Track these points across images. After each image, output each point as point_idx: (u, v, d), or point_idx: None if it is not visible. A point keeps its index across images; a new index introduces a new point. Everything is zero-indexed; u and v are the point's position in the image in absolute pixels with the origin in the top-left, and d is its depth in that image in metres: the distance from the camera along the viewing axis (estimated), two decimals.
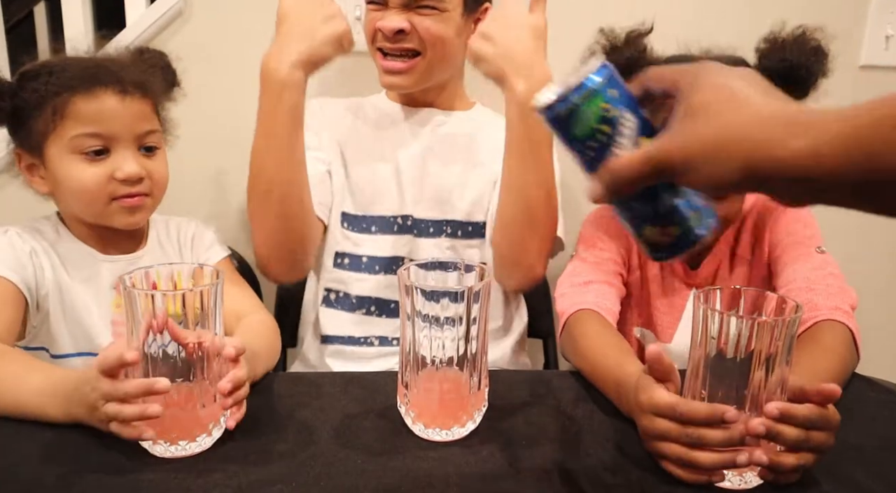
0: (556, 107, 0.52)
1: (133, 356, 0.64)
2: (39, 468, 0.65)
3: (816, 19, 0.96)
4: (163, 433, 0.66)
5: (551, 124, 0.53)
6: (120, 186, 0.90)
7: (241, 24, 1.37)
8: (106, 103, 0.89)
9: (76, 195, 0.92)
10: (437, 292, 0.67)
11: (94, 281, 0.95)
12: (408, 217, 1.18)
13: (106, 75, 0.90)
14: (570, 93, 0.51)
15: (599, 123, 0.52)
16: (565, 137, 0.53)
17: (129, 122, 0.90)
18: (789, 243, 0.96)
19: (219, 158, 1.41)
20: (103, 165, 0.90)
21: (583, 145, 0.53)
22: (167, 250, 1.02)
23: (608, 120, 0.52)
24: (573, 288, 0.99)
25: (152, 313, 0.64)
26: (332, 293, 1.20)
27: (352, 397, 0.80)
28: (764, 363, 0.62)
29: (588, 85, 0.51)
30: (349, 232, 1.19)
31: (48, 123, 0.88)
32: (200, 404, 0.67)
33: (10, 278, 0.87)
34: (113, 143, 0.90)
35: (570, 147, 0.54)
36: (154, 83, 0.96)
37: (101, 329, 0.95)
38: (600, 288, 0.98)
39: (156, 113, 0.96)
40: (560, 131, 0.53)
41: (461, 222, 1.19)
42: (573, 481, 0.65)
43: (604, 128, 0.52)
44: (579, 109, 0.52)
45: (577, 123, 0.52)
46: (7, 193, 1.39)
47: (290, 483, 0.63)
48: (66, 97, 0.88)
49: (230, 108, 1.36)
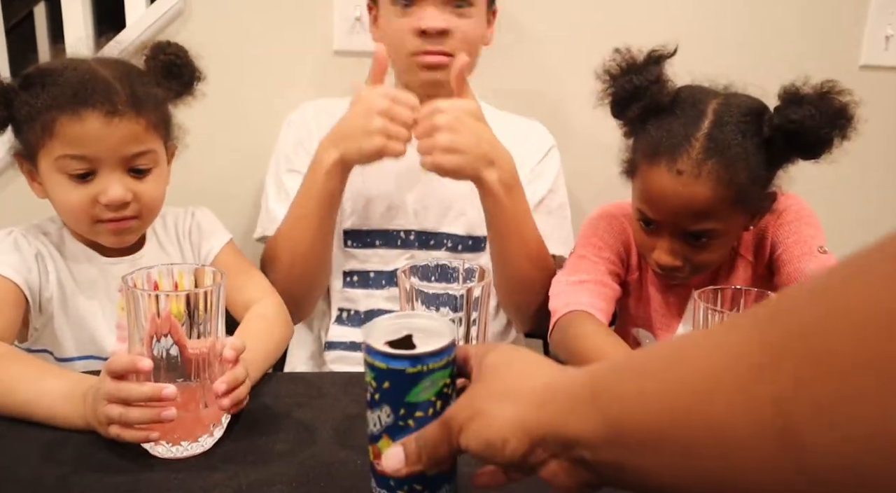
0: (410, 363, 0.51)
1: (147, 365, 0.64)
2: (39, 468, 0.65)
3: (816, 19, 0.95)
4: (165, 433, 0.66)
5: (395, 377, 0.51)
6: (104, 210, 0.87)
7: (241, 24, 1.37)
8: (91, 126, 0.84)
9: (62, 213, 0.91)
10: (437, 296, 0.67)
11: (97, 283, 0.94)
12: (410, 232, 1.18)
13: (95, 94, 0.85)
14: (426, 356, 0.51)
15: (437, 396, 0.52)
16: (400, 395, 0.51)
17: (115, 144, 0.86)
18: (792, 243, 0.95)
19: (219, 159, 1.41)
20: (88, 188, 0.87)
21: (413, 409, 0.51)
22: (167, 248, 1.01)
23: (444, 396, 0.52)
24: (567, 287, 0.99)
25: (156, 315, 0.64)
26: (344, 312, 1.20)
27: (352, 398, 0.80)
28: None
29: (447, 354, 0.52)
30: (353, 249, 1.18)
31: (38, 138, 0.86)
32: (203, 404, 0.67)
33: (13, 279, 0.86)
34: (98, 165, 0.86)
35: (399, 407, 0.52)
36: (156, 97, 0.92)
37: (105, 332, 0.95)
38: (594, 288, 0.98)
39: (154, 130, 0.91)
40: (400, 387, 0.51)
41: (461, 237, 1.18)
42: None
43: (438, 403, 0.52)
44: (432, 375, 0.51)
45: (423, 387, 0.51)
46: (11, 191, 1.39)
47: (290, 484, 0.63)
48: (53, 115, 0.85)
49: (230, 108, 1.37)
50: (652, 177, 0.88)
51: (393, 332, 0.54)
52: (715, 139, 0.85)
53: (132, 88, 0.88)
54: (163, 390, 0.64)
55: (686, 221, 0.88)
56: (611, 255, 1.02)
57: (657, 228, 0.91)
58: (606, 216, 1.06)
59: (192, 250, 1.03)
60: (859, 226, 1.43)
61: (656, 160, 0.87)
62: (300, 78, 1.40)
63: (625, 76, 0.90)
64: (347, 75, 1.38)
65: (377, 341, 0.52)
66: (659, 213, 0.89)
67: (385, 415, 0.52)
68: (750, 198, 0.88)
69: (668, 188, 0.86)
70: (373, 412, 0.53)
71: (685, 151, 0.85)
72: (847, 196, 1.50)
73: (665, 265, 0.91)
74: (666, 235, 0.90)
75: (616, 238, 1.04)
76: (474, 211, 1.17)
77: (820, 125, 0.82)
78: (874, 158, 1.49)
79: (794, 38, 1.41)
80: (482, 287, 0.68)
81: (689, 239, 0.90)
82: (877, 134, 1.27)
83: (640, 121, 0.91)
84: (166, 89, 0.94)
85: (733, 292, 0.69)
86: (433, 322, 0.56)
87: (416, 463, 0.50)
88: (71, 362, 0.94)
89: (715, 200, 0.85)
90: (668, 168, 0.86)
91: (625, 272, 1.05)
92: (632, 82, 0.89)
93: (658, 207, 0.89)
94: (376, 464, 0.55)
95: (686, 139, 0.86)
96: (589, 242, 1.04)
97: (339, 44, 1.39)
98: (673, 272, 0.93)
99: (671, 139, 0.87)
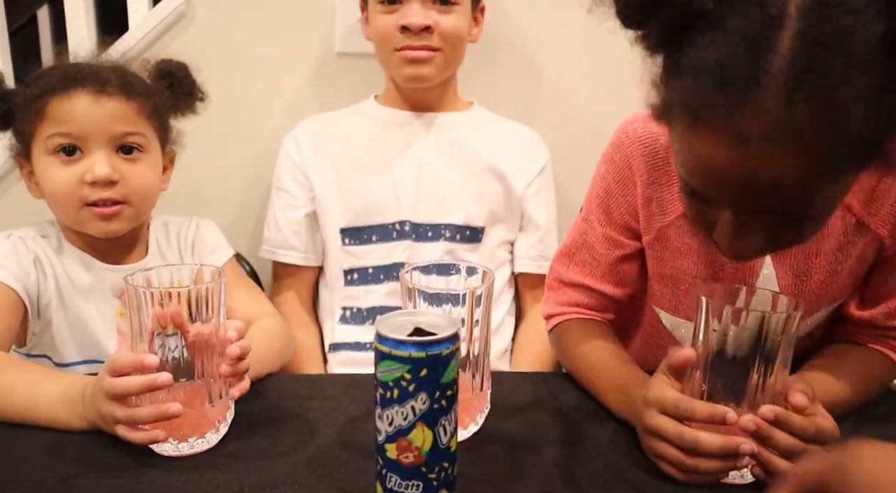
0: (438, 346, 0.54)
1: (153, 361, 0.64)
2: (40, 469, 0.64)
3: None
4: (172, 431, 0.66)
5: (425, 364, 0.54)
6: (91, 190, 0.87)
7: (243, 28, 1.38)
8: (79, 103, 0.86)
9: (52, 199, 0.91)
10: (439, 295, 0.67)
11: (96, 289, 0.94)
12: (405, 222, 1.18)
13: (84, 76, 0.88)
14: (455, 337, 0.54)
15: (457, 372, 0.56)
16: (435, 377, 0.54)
17: (103, 122, 0.87)
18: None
19: (220, 161, 1.41)
20: (75, 168, 0.87)
21: (445, 389, 0.55)
22: (168, 258, 1.00)
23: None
24: (560, 289, 0.93)
25: (158, 312, 0.64)
26: (347, 311, 1.21)
27: (354, 399, 0.80)
28: (763, 361, 0.62)
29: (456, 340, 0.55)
30: (351, 247, 1.20)
31: (31, 124, 0.88)
32: (208, 401, 0.68)
33: (11, 285, 0.86)
34: (85, 143, 0.87)
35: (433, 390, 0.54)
36: (147, 87, 0.93)
37: (106, 336, 0.95)
38: (591, 284, 0.90)
39: (146, 118, 0.92)
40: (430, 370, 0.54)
41: (459, 226, 1.19)
42: (576, 483, 0.65)
43: (457, 377, 0.56)
44: (457, 353, 0.55)
45: (452, 366, 0.55)
46: (11, 196, 1.39)
47: (293, 485, 0.63)
48: (45, 99, 0.87)
49: (232, 110, 1.37)
50: (698, 143, 0.56)
51: (401, 328, 0.55)
52: (808, 65, 0.49)
53: (123, 76, 0.91)
54: (158, 378, 0.64)
55: (759, 201, 0.57)
56: (619, 216, 0.85)
57: (714, 201, 0.62)
58: (613, 159, 0.85)
59: (193, 261, 1.02)
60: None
61: (703, 116, 0.54)
62: (302, 80, 1.41)
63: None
64: (349, 77, 1.39)
65: (402, 336, 0.54)
66: (715, 191, 0.60)
67: (420, 403, 0.54)
68: (862, 153, 0.54)
69: (727, 161, 0.54)
70: (403, 407, 0.54)
71: (753, 95, 0.50)
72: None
73: (734, 250, 0.63)
74: (730, 210, 0.60)
75: (627, 188, 0.84)
76: (471, 201, 1.19)
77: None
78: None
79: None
80: (485, 288, 0.68)
81: (765, 217, 0.59)
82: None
83: (670, 38, 0.55)
84: (162, 93, 0.95)
85: (734, 289, 0.69)
86: (435, 317, 0.58)
87: None
88: (73, 367, 0.94)
89: (806, 174, 0.53)
90: (726, 128, 0.52)
91: (637, 240, 0.86)
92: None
93: (713, 186, 0.59)
94: (403, 459, 0.55)
95: (753, 72, 0.50)
96: (594, 210, 0.88)
97: (340, 46, 1.39)
98: (746, 255, 0.66)
99: (726, 74, 0.51)
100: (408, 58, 1.13)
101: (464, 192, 1.19)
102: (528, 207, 1.25)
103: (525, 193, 1.24)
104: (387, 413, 0.55)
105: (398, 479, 0.56)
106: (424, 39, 1.12)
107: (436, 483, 0.56)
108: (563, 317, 0.92)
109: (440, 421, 0.55)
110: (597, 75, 1.36)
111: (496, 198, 1.22)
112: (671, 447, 0.64)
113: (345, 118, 1.27)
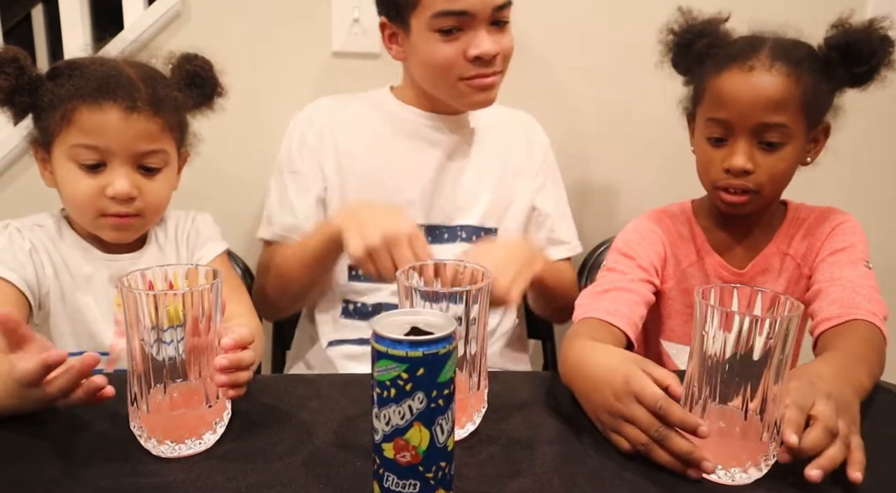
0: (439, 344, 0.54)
1: (57, 355, 0.65)
2: (39, 469, 0.64)
3: (816, 19, 0.95)
4: (169, 433, 0.66)
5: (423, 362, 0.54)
6: (110, 203, 0.90)
7: (238, 26, 1.37)
8: (109, 118, 0.88)
9: (69, 202, 0.93)
10: (436, 294, 0.67)
11: (95, 279, 0.95)
12: (421, 226, 1.17)
13: (118, 89, 0.88)
14: (452, 336, 0.55)
15: (454, 371, 0.56)
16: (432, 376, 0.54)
17: (130, 139, 0.89)
18: (842, 249, 0.98)
19: (217, 160, 1.40)
20: (97, 179, 0.89)
21: (442, 388, 0.55)
22: (166, 250, 1.02)
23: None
24: (590, 298, 0.96)
25: (154, 314, 0.64)
26: (350, 304, 1.20)
27: (351, 399, 0.80)
28: (763, 361, 0.62)
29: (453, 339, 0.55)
30: None
31: (57, 125, 0.89)
32: (205, 402, 0.68)
33: (11, 280, 0.87)
34: (110, 157, 0.89)
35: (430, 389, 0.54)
36: (175, 100, 0.94)
37: (104, 326, 0.95)
38: (618, 295, 0.95)
39: (170, 132, 0.93)
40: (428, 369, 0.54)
41: (475, 227, 1.19)
42: (573, 482, 0.65)
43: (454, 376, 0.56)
44: (455, 351, 0.56)
45: (450, 365, 0.55)
46: (18, 185, 1.39)
47: (290, 485, 0.63)
48: (75, 104, 0.88)
49: (228, 109, 1.36)
50: (723, 81, 0.95)
51: (398, 327, 0.55)
52: (779, 48, 0.94)
53: (154, 89, 0.91)
54: (49, 358, 0.64)
55: (759, 113, 0.92)
56: (641, 262, 1.02)
57: (728, 135, 0.95)
58: (640, 229, 1.06)
59: (187, 254, 1.04)
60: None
61: (727, 66, 0.95)
62: (299, 79, 1.40)
63: (683, 37, 1.01)
64: (346, 76, 1.38)
65: (399, 335, 0.54)
66: (731, 111, 0.93)
67: (418, 402, 0.54)
68: (814, 105, 0.94)
69: (741, 84, 0.93)
70: (400, 406, 0.54)
71: (754, 54, 0.94)
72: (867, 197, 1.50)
73: (737, 167, 0.94)
74: (738, 139, 0.94)
75: (650, 245, 1.04)
76: (485, 200, 1.18)
77: (870, 38, 0.92)
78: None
79: None
80: (482, 287, 0.68)
81: (761, 144, 0.94)
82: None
83: (704, 55, 0.99)
84: (186, 97, 0.96)
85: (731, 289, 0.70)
86: (433, 316, 0.58)
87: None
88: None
89: (786, 91, 0.92)
90: (740, 68, 0.93)
91: (659, 279, 1.04)
92: (696, 25, 1.00)
93: (730, 107, 0.93)
94: (400, 458, 0.55)
95: (753, 48, 0.95)
96: (619, 253, 1.03)
97: (337, 45, 1.39)
98: (744, 178, 0.95)
99: (739, 49, 0.95)
100: (481, 86, 1.11)
101: (476, 190, 1.19)
102: (536, 200, 1.25)
103: (532, 186, 1.24)
104: (384, 413, 0.55)
105: (395, 478, 0.56)
106: (493, 65, 1.10)
107: (433, 483, 0.56)
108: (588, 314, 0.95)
109: (437, 420, 0.55)
110: (586, 61, 1.37)
111: (507, 196, 1.22)
112: (640, 432, 0.67)
113: (361, 106, 1.23)
